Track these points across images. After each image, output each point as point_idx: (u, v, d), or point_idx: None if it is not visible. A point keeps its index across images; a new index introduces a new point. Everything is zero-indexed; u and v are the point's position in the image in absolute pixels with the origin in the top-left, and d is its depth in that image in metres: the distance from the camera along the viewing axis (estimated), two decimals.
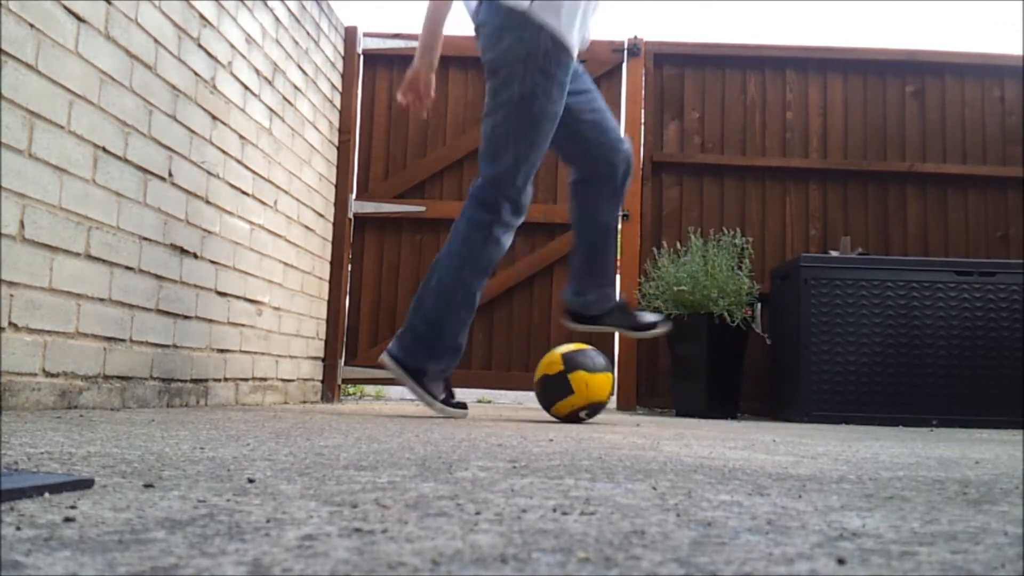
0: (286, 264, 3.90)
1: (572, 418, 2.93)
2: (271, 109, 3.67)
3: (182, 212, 2.91)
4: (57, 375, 2.26)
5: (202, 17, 3.01)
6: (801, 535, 0.73)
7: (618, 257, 4.76)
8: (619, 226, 3.27)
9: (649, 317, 3.15)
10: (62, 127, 2.26)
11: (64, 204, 2.27)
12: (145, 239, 2.68)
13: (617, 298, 3.17)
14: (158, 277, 2.77)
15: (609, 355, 4.75)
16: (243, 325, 3.44)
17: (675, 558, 0.61)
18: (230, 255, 3.29)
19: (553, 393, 2.93)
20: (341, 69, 4.72)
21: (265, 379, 3.71)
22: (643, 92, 4.86)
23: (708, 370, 4.20)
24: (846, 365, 3.98)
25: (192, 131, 2.96)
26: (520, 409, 4.37)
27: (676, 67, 4.95)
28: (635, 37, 4.85)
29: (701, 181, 4.87)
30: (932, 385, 3.96)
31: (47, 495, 0.81)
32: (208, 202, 3.10)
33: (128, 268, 2.59)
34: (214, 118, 3.13)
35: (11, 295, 2.07)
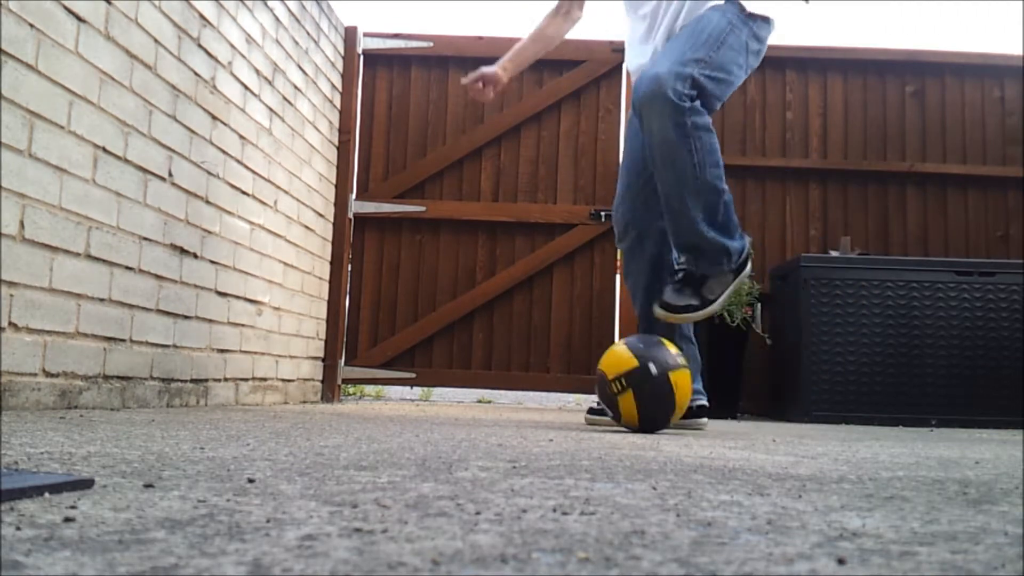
0: (286, 264, 3.90)
1: None
2: (271, 109, 3.67)
3: (182, 212, 2.91)
4: (57, 375, 2.26)
5: (202, 17, 3.01)
6: (801, 535, 0.73)
7: (618, 257, 4.77)
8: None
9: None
10: (62, 127, 2.26)
11: (64, 204, 2.27)
12: (145, 239, 2.68)
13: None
14: (158, 277, 2.77)
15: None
16: (243, 325, 3.44)
17: (675, 558, 0.61)
18: (230, 255, 3.29)
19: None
20: (341, 69, 4.72)
21: (265, 379, 3.71)
22: None
23: (708, 370, 4.18)
24: (846, 365, 3.98)
25: (192, 131, 2.96)
26: (520, 409, 4.37)
27: None
28: None
29: None
30: (932, 385, 3.96)
31: (47, 495, 0.81)
32: (208, 202, 3.10)
33: (128, 268, 2.59)
34: (214, 118, 3.13)
35: (11, 295, 2.07)
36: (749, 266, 2.72)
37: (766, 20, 2.75)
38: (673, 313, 2.62)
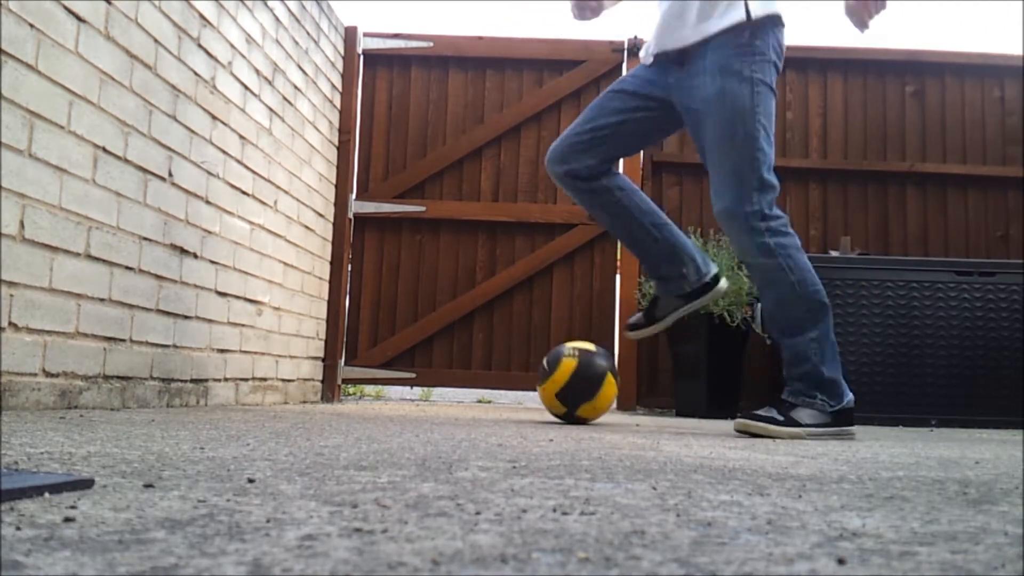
0: (286, 264, 3.90)
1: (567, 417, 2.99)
2: (271, 109, 3.67)
3: (182, 212, 2.91)
4: (57, 375, 2.26)
5: (202, 17, 3.01)
6: (801, 535, 0.73)
7: (618, 257, 4.77)
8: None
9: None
10: (62, 127, 2.26)
11: (64, 204, 2.27)
12: (145, 239, 2.68)
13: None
14: (158, 277, 2.77)
15: (609, 354, 4.75)
16: (243, 325, 3.44)
17: (675, 558, 0.61)
18: (230, 255, 3.29)
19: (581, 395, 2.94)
20: (341, 69, 4.72)
21: (265, 379, 3.70)
22: None
23: (708, 370, 4.20)
24: (846, 365, 3.96)
25: (192, 131, 2.96)
26: (520, 409, 4.37)
27: None
28: (635, 37, 4.85)
29: (701, 181, 4.86)
30: (932, 385, 3.96)
31: (47, 495, 0.80)
32: (208, 202, 3.10)
33: (128, 268, 2.59)
34: (214, 118, 3.13)
35: (11, 295, 2.07)
36: (853, 427, 2.53)
37: (777, 25, 2.57)
38: (751, 420, 2.46)
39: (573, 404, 2.93)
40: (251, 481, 0.97)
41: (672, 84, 2.66)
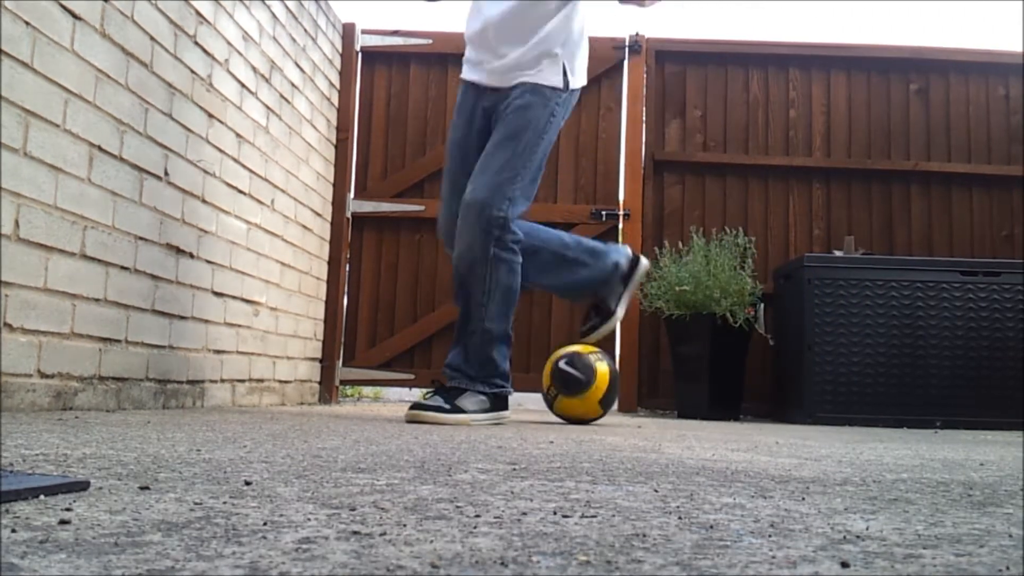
0: (283, 264, 3.89)
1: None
2: (268, 107, 3.66)
3: (178, 211, 2.90)
4: (52, 376, 2.25)
5: (199, 14, 3.00)
6: (804, 538, 0.72)
7: None
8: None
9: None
10: (58, 126, 2.25)
11: (60, 203, 2.26)
12: (141, 239, 2.67)
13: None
14: (154, 277, 2.76)
15: (610, 355, 4.74)
16: (240, 326, 3.43)
17: (677, 561, 0.60)
18: (227, 255, 3.28)
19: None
20: (339, 66, 4.71)
21: (262, 380, 3.69)
22: (644, 90, 4.85)
23: (710, 371, 4.19)
24: (850, 366, 3.97)
25: (188, 129, 2.95)
26: (520, 410, 4.37)
27: (678, 64, 4.94)
28: (636, 34, 4.84)
29: (703, 180, 4.86)
30: (936, 386, 3.95)
31: (42, 497, 0.80)
32: (204, 201, 3.09)
33: (124, 268, 2.58)
34: (210, 116, 3.12)
35: (6, 295, 2.06)
36: (488, 415, 2.72)
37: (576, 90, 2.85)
38: (421, 410, 2.59)
39: (607, 406, 3.14)
40: (248, 483, 0.96)
41: (487, 104, 2.86)
